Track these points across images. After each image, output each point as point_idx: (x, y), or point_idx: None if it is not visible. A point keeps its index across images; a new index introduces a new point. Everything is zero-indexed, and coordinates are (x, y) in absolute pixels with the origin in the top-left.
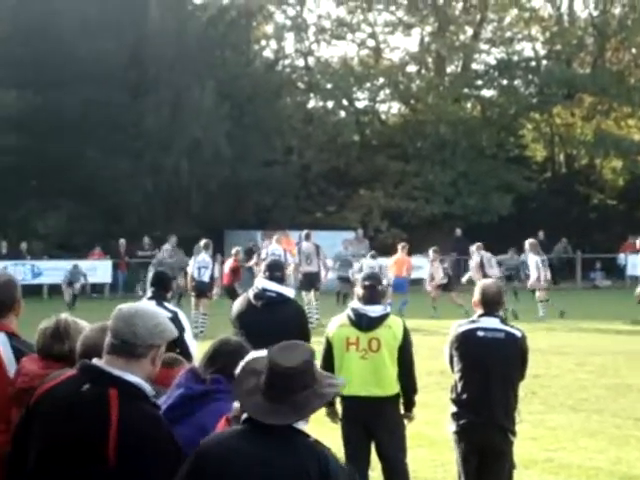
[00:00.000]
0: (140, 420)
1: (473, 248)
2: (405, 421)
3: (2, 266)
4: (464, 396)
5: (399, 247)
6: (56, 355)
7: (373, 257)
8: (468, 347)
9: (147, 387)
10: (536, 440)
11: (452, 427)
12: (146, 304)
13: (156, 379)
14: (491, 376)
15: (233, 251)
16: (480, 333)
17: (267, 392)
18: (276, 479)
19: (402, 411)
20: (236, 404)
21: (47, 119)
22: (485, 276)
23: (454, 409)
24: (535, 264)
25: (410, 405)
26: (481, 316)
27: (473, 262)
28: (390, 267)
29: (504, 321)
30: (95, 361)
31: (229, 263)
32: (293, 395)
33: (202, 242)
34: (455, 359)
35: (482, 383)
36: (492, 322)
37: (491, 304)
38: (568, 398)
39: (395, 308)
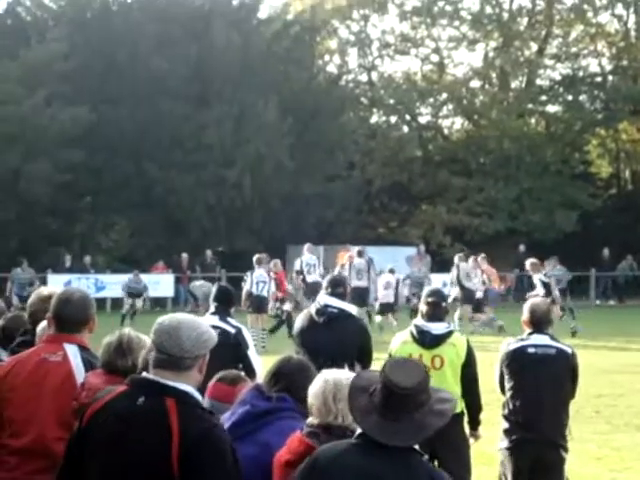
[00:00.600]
0: (201, 427)
1: (455, 259)
2: (471, 440)
3: (66, 280)
4: (516, 412)
5: (479, 259)
6: (120, 370)
7: (391, 272)
8: (519, 364)
9: (199, 396)
10: (601, 460)
11: (503, 443)
12: (188, 314)
13: (219, 396)
14: (542, 392)
15: (271, 264)
16: (531, 350)
17: (384, 411)
18: None
19: (467, 430)
20: (310, 420)
21: (109, 135)
22: (463, 289)
23: (506, 425)
24: (540, 283)
25: (475, 424)
26: (531, 334)
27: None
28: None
29: (554, 338)
30: (145, 375)
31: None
32: (411, 414)
33: (255, 257)
34: (506, 377)
35: (533, 399)
36: (542, 339)
37: (540, 322)
38: (634, 418)
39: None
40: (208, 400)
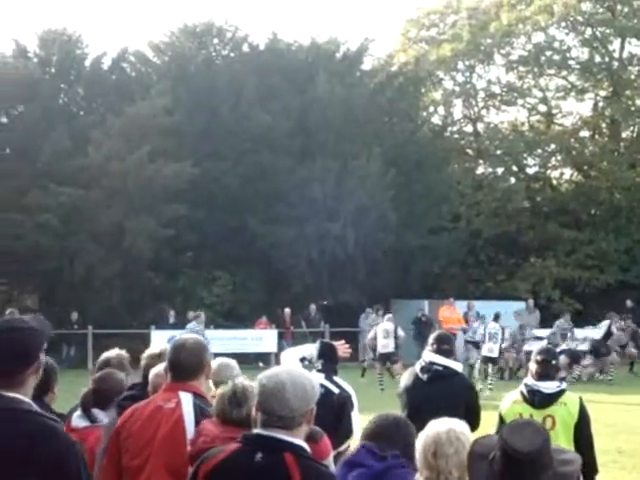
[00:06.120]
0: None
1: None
2: None
3: (170, 335)
4: None
5: None
6: (235, 420)
7: (389, 320)
8: None
9: (310, 450)
10: None
11: None
12: (287, 369)
13: None
14: None
15: None
16: None
17: (506, 479)
18: None
19: None
20: (417, 476)
21: (211, 189)
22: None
23: None
24: None
25: None
26: None
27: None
28: None
29: None
30: (258, 431)
31: None
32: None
33: None
34: None
35: None
36: None
37: None
38: None
39: None
40: None
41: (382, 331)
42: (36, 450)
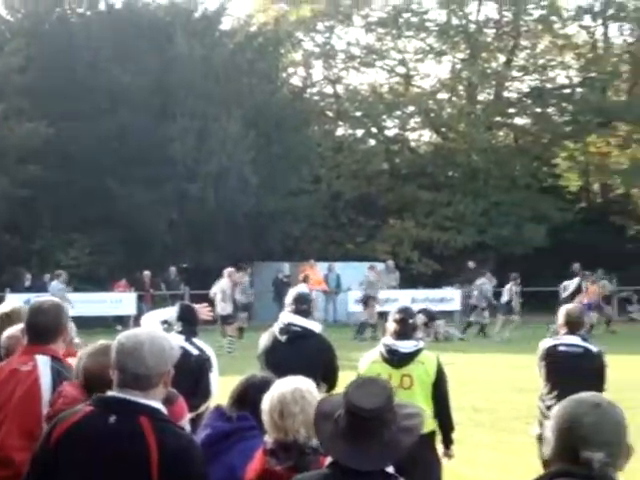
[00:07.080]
0: (179, 443)
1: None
2: (444, 459)
3: (26, 299)
4: (551, 402)
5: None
6: None
7: (229, 275)
8: (552, 359)
9: (166, 412)
10: None
11: (537, 430)
12: (147, 330)
13: None
14: (574, 384)
15: None
16: (562, 348)
17: (351, 436)
18: None
19: (440, 449)
20: (266, 437)
21: (68, 150)
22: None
23: (544, 414)
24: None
25: (448, 443)
26: (564, 334)
27: None
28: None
29: (585, 339)
30: (112, 393)
31: None
32: (379, 436)
33: None
34: (542, 370)
35: (567, 390)
36: (573, 339)
37: (573, 325)
38: None
39: None
40: None
41: (220, 292)
42: None
